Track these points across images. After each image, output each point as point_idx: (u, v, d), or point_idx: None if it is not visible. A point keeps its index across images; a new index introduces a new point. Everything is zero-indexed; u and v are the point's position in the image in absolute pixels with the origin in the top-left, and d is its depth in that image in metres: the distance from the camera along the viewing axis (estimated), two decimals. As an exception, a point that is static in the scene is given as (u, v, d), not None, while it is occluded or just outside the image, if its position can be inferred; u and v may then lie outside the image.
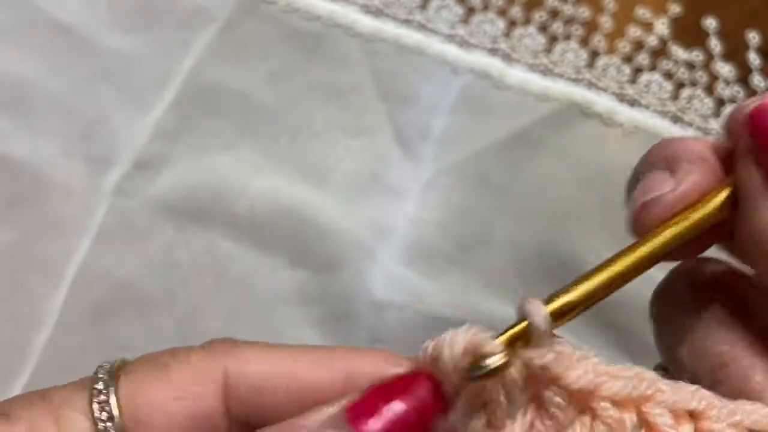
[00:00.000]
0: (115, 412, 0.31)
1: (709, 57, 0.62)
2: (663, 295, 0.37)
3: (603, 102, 0.61)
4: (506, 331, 0.31)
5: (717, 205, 0.34)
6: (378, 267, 0.57)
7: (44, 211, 0.57)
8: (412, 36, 0.62)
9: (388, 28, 0.62)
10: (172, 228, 0.58)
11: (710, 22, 0.63)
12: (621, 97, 0.61)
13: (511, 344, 0.31)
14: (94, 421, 0.31)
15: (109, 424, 0.31)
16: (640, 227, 0.35)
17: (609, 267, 0.33)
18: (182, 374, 0.32)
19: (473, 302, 0.56)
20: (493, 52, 0.62)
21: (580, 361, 0.31)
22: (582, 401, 0.31)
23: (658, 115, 0.61)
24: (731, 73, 0.62)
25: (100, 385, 0.32)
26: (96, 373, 0.32)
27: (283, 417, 0.31)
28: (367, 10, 0.62)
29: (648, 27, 0.63)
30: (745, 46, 0.63)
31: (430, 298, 0.56)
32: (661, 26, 0.63)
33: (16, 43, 0.60)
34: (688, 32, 0.63)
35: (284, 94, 0.61)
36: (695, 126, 0.61)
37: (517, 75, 0.61)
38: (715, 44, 0.63)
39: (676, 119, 0.61)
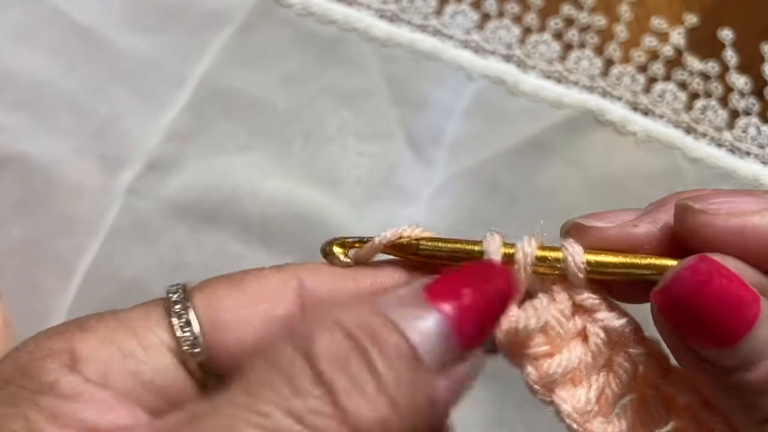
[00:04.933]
0: (193, 318, 0.33)
1: (724, 68, 0.62)
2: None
3: (617, 110, 0.61)
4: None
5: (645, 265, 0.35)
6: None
7: (57, 210, 0.58)
8: (426, 41, 0.62)
9: (403, 33, 0.62)
10: (183, 228, 0.58)
11: (726, 34, 0.63)
12: (635, 106, 0.61)
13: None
14: (172, 330, 0.32)
15: (187, 330, 0.32)
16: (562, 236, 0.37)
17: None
18: (257, 285, 0.34)
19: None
20: (507, 58, 0.62)
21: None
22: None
23: (672, 125, 0.61)
24: (746, 85, 0.62)
25: (174, 298, 0.33)
26: (168, 292, 0.34)
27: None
28: (382, 14, 0.62)
29: (663, 37, 0.63)
30: (761, 59, 0.62)
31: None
32: (677, 36, 0.63)
33: (33, 43, 0.61)
34: (703, 43, 0.63)
35: (298, 98, 0.61)
36: (708, 137, 0.61)
37: (532, 82, 0.61)
38: (730, 56, 0.62)
39: (689, 130, 0.61)
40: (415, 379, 0.28)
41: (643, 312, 0.35)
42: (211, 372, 0.33)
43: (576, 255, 0.34)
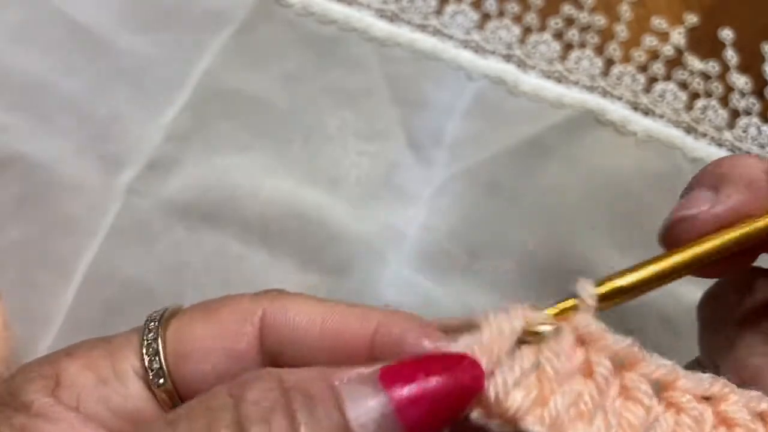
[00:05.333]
0: (160, 348, 0.34)
1: (725, 68, 0.62)
2: (711, 300, 0.39)
3: (617, 110, 0.61)
4: (557, 304, 0.33)
5: (757, 229, 0.34)
6: (388, 271, 0.57)
7: (56, 210, 0.57)
8: (426, 41, 0.62)
9: (403, 32, 0.62)
10: (183, 229, 0.58)
11: (727, 34, 0.63)
12: (635, 106, 0.61)
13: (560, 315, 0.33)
14: (142, 357, 0.34)
15: (155, 359, 0.34)
16: (671, 241, 0.36)
17: (655, 264, 0.35)
18: (225, 315, 0.34)
19: (483, 307, 0.56)
20: (507, 58, 0.62)
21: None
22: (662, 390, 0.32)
23: (672, 125, 0.61)
24: (746, 85, 0.62)
25: (151, 326, 0.35)
26: (149, 317, 0.35)
27: (315, 361, 0.32)
28: (382, 14, 0.62)
29: (664, 37, 0.63)
30: (761, 58, 0.62)
31: (440, 303, 0.56)
32: (677, 36, 0.63)
33: (32, 42, 0.61)
34: (704, 43, 0.63)
35: (298, 98, 0.61)
36: (709, 137, 0.61)
37: (532, 81, 0.61)
38: (731, 55, 0.62)
39: (689, 129, 0.61)
40: None
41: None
42: (181, 400, 0.34)
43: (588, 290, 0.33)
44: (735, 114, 0.61)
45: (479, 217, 0.59)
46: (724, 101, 0.62)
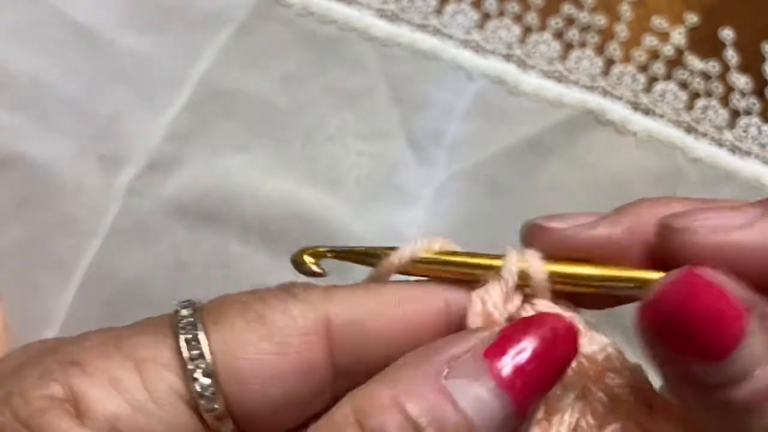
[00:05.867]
0: (209, 364, 0.29)
1: (725, 68, 0.62)
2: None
3: (617, 110, 0.61)
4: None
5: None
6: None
7: (56, 210, 0.57)
8: (427, 41, 0.62)
9: (403, 32, 0.62)
10: (183, 229, 0.58)
11: (727, 33, 0.63)
12: (635, 106, 0.61)
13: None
14: (185, 377, 0.29)
15: (205, 381, 0.29)
16: (524, 240, 0.35)
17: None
18: (281, 327, 0.30)
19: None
20: (508, 58, 0.62)
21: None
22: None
23: (672, 125, 0.61)
24: (747, 85, 0.62)
25: (188, 336, 0.29)
26: (177, 318, 0.30)
27: (390, 359, 0.30)
28: (382, 14, 0.62)
29: (664, 36, 0.63)
30: (762, 58, 0.62)
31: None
32: (678, 36, 0.63)
33: (31, 43, 0.61)
34: (704, 43, 0.63)
35: (298, 98, 0.61)
36: (709, 137, 0.61)
37: (532, 81, 0.61)
38: (731, 55, 0.62)
39: (690, 129, 0.61)
40: None
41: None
42: (236, 424, 0.30)
43: (536, 264, 0.33)
44: (735, 114, 0.61)
45: (479, 217, 0.58)
46: (725, 101, 0.61)
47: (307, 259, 0.34)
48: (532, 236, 0.34)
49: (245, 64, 0.61)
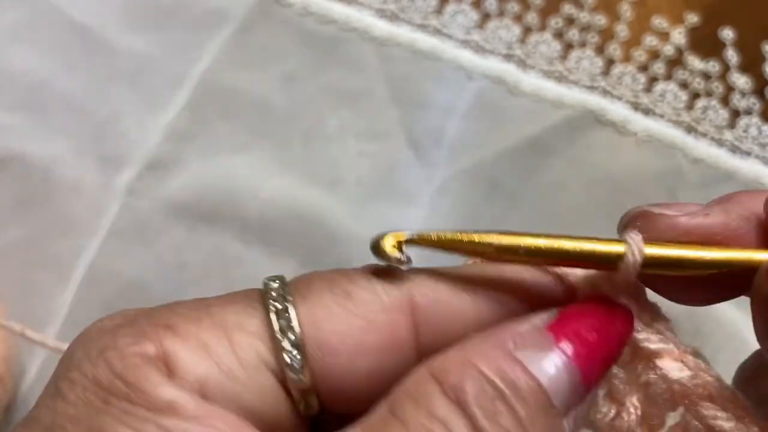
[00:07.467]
0: (299, 339, 0.29)
1: (725, 68, 0.62)
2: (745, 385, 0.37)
3: (617, 110, 0.61)
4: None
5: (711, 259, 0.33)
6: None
7: (55, 210, 0.57)
8: (427, 41, 0.62)
9: (403, 32, 0.62)
10: (183, 229, 0.58)
11: (727, 33, 0.63)
12: (635, 106, 0.61)
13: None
14: (274, 347, 0.29)
15: (294, 352, 0.29)
16: (623, 227, 0.35)
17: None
18: (367, 303, 0.30)
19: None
20: (508, 58, 0.62)
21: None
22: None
23: (673, 125, 0.61)
24: (747, 85, 0.62)
25: (277, 304, 0.29)
26: (267, 291, 0.30)
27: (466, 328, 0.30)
28: (382, 14, 0.62)
29: (664, 36, 0.63)
30: (762, 58, 0.62)
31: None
32: (678, 36, 0.63)
33: (31, 42, 0.61)
34: (704, 43, 0.63)
35: (298, 98, 0.61)
36: (709, 137, 0.61)
37: (532, 81, 0.61)
38: (731, 55, 0.62)
39: (690, 129, 0.61)
40: (547, 423, 0.28)
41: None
42: (318, 398, 0.30)
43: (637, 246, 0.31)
44: (735, 114, 0.61)
45: (479, 216, 0.58)
46: (725, 101, 0.61)
47: (389, 243, 0.32)
48: (643, 222, 0.33)
49: (245, 64, 0.61)
